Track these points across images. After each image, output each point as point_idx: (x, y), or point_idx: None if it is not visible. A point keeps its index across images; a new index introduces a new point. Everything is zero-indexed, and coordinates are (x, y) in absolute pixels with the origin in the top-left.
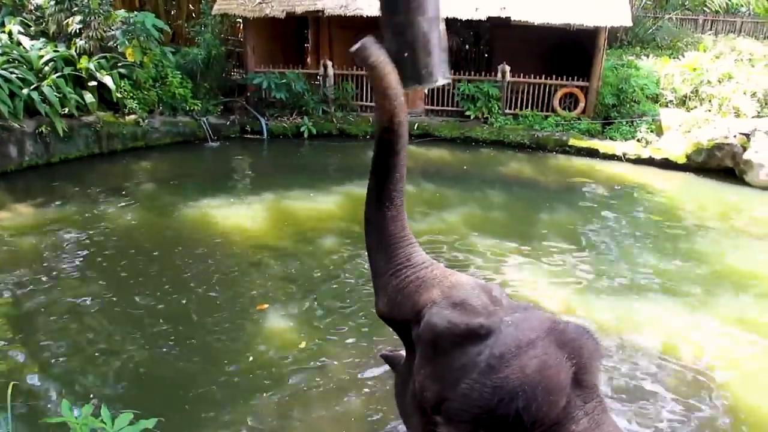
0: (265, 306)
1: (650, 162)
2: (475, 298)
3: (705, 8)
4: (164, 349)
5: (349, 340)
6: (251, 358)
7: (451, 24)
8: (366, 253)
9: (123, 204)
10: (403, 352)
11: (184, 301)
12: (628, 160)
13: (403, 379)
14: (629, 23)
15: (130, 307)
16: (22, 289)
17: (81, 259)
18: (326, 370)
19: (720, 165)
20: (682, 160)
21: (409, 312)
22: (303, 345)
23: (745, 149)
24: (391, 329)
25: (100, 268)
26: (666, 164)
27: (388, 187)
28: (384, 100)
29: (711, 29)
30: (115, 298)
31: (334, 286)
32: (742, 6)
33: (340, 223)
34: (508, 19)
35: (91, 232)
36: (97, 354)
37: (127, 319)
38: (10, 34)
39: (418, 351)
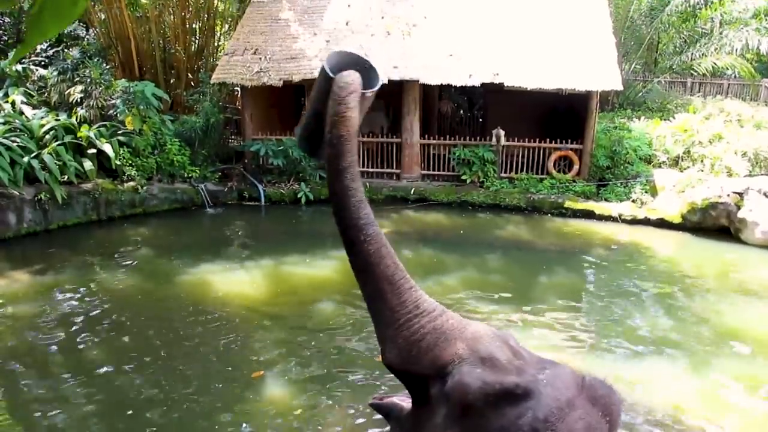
0: (261, 373)
1: (646, 222)
2: (500, 352)
3: (692, 71)
4: (159, 418)
5: (347, 407)
6: (244, 425)
7: (446, 90)
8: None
9: (120, 270)
10: (396, 399)
11: (180, 369)
12: (624, 221)
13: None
14: (620, 87)
15: (125, 375)
16: (15, 357)
17: (76, 326)
18: None
19: (715, 224)
20: (677, 219)
21: (429, 367)
22: (299, 411)
23: (739, 208)
24: (383, 382)
25: (95, 335)
26: (662, 224)
27: (354, 216)
28: (341, 105)
29: (699, 91)
30: (110, 366)
31: (331, 351)
32: (727, 69)
33: (337, 288)
34: (501, 84)
35: (87, 299)
36: (92, 422)
37: (121, 386)
38: (13, 104)
39: (443, 409)
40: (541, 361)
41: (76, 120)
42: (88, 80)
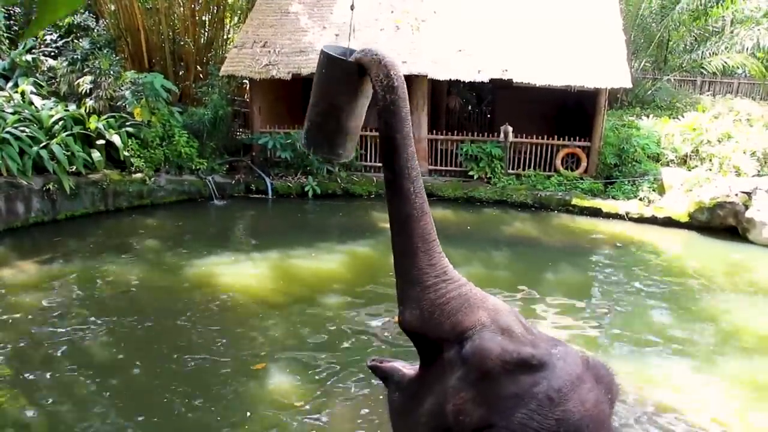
0: (263, 365)
1: (653, 221)
2: (516, 325)
3: (702, 70)
4: (162, 407)
5: (349, 399)
6: (249, 414)
7: (454, 85)
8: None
9: (127, 261)
10: (398, 364)
11: (183, 359)
12: (631, 219)
13: (412, 396)
14: (629, 85)
15: (130, 364)
16: (20, 346)
17: (82, 316)
18: (325, 427)
19: (723, 223)
20: (684, 218)
21: (449, 331)
22: (301, 402)
23: (747, 207)
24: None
25: (100, 325)
26: (669, 223)
27: (408, 166)
28: (372, 55)
29: (709, 90)
30: (114, 356)
31: (334, 344)
32: (738, 68)
33: (342, 282)
34: (510, 80)
35: (93, 289)
36: (95, 412)
37: (125, 376)
38: (23, 94)
39: (459, 373)
40: (550, 338)
41: (85, 111)
42: (98, 71)
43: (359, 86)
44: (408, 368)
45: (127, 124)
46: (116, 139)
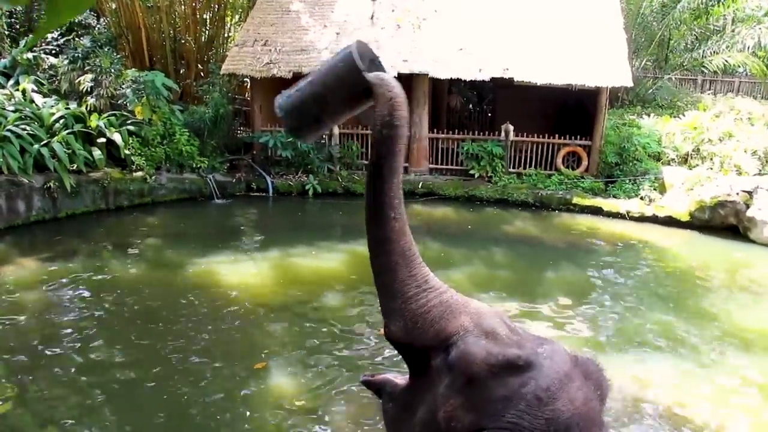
0: (264, 364)
1: (654, 220)
2: (501, 327)
3: (703, 69)
4: (161, 406)
5: (349, 398)
6: (248, 413)
7: (455, 84)
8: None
9: (127, 259)
10: (389, 376)
11: (184, 358)
12: (632, 218)
13: (404, 405)
14: (630, 83)
15: (130, 364)
16: (21, 343)
17: (82, 314)
18: (325, 426)
19: (724, 222)
20: (685, 217)
21: (433, 339)
22: (302, 402)
23: (748, 206)
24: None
25: (100, 323)
26: (670, 222)
27: (390, 194)
28: (385, 88)
29: (710, 89)
30: (115, 354)
31: (335, 343)
32: (739, 67)
33: (343, 280)
34: (511, 79)
35: (94, 287)
36: (94, 411)
37: (125, 375)
38: (24, 92)
39: (447, 380)
40: (536, 338)
41: (86, 109)
42: (99, 69)
43: (358, 100)
44: (400, 379)
45: (128, 122)
46: (117, 138)
